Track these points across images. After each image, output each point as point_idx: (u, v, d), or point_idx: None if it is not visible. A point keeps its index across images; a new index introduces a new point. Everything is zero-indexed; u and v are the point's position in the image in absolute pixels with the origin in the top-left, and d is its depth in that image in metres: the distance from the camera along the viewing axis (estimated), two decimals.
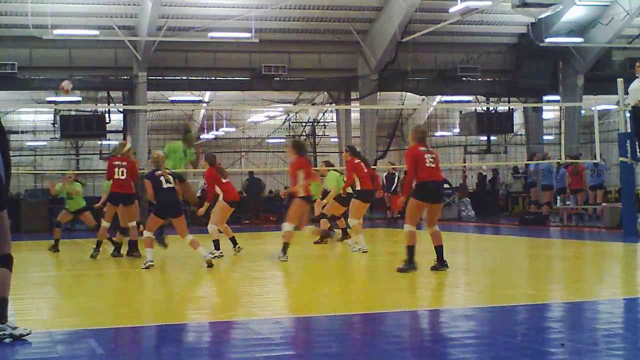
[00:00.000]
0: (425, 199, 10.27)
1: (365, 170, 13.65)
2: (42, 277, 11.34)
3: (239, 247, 13.68)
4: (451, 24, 25.83)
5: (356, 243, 13.81)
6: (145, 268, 11.39)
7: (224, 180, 13.63)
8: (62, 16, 24.81)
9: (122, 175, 13.62)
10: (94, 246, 13.86)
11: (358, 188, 13.60)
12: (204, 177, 14.58)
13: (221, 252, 13.16)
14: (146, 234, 11.90)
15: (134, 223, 13.70)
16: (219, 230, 13.50)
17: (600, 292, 8.92)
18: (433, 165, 10.33)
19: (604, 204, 20.79)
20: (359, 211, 13.71)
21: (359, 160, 13.79)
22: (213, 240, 13.30)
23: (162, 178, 11.71)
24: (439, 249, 10.38)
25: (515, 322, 7.00)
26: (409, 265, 10.20)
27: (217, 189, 13.50)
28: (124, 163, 13.75)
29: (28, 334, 6.26)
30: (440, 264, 10.33)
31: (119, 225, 14.12)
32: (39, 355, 5.82)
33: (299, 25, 27.79)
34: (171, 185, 11.79)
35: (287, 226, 12.40)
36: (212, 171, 13.47)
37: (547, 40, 28.05)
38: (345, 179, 14.38)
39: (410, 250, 10.27)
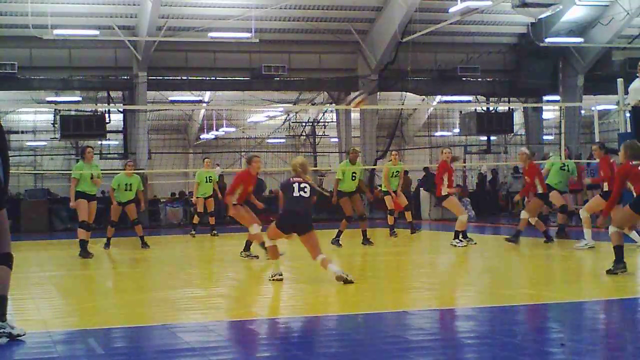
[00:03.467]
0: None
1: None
2: (42, 277, 11.33)
3: None
4: (451, 24, 25.80)
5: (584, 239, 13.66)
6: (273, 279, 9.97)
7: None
8: (62, 16, 24.79)
9: None
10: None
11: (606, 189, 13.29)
12: None
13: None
14: (268, 242, 10.31)
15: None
16: None
17: (600, 292, 8.92)
18: None
19: None
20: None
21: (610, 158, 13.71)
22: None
23: (295, 185, 9.96)
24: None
25: (515, 322, 7.01)
26: (618, 265, 9.71)
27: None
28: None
29: (23, 335, 6.27)
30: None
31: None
32: (39, 355, 5.83)
33: (299, 25, 27.78)
34: (306, 195, 9.93)
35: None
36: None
37: (547, 40, 28.02)
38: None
39: (618, 250, 9.81)
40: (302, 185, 9.94)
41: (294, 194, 9.90)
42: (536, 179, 14.60)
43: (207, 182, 19.05)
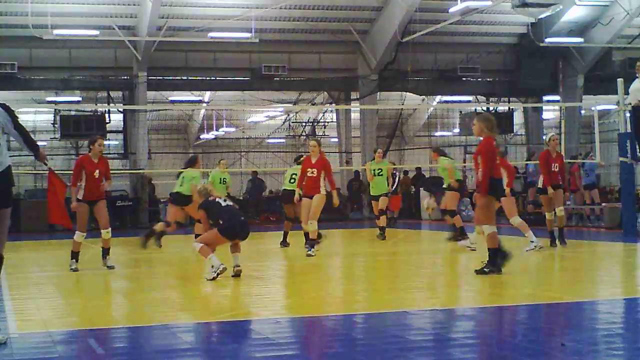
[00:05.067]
0: (497, 196, 10.17)
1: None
2: (42, 277, 11.33)
3: None
4: (451, 24, 25.81)
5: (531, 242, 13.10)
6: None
7: None
8: (62, 16, 24.80)
9: None
10: None
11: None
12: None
13: None
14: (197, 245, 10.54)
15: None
16: None
17: (600, 292, 8.92)
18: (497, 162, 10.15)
19: (604, 203, 20.78)
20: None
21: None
22: None
23: (219, 200, 10.60)
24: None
25: (515, 322, 7.00)
26: (493, 266, 9.77)
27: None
28: None
29: (4, 342, 6.19)
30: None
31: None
32: (39, 355, 5.83)
33: (299, 25, 27.79)
34: (231, 203, 10.66)
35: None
36: None
37: (547, 40, 28.03)
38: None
39: (494, 252, 9.84)
40: (222, 199, 10.59)
41: (223, 205, 10.43)
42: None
43: (221, 183, 18.38)
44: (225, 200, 10.65)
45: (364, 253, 14.23)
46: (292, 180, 15.12)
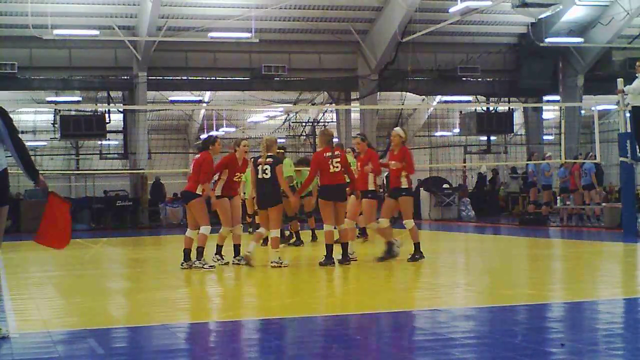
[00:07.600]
0: (328, 199, 11.20)
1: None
2: (42, 277, 11.33)
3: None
4: (451, 24, 25.82)
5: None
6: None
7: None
8: (62, 16, 24.80)
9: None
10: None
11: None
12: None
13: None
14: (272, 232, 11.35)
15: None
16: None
17: (600, 292, 8.92)
18: (337, 170, 11.13)
19: (604, 203, 20.77)
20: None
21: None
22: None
23: (259, 167, 11.30)
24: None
25: (515, 322, 7.00)
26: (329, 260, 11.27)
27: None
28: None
29: (7, 337, 6.25)
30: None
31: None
32: (39, 355, 5.83)
33: (299, 25, 27.79)
34: (267, 177, 11.19)
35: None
36: None
37: (547, 40, 28.04)
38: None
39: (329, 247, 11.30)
40: (264, 167, 11.24)
41: (258, 176, 11.32)
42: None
43: None
44: (262, 168, 11.24)
45: (363, 253, 14.22)
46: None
